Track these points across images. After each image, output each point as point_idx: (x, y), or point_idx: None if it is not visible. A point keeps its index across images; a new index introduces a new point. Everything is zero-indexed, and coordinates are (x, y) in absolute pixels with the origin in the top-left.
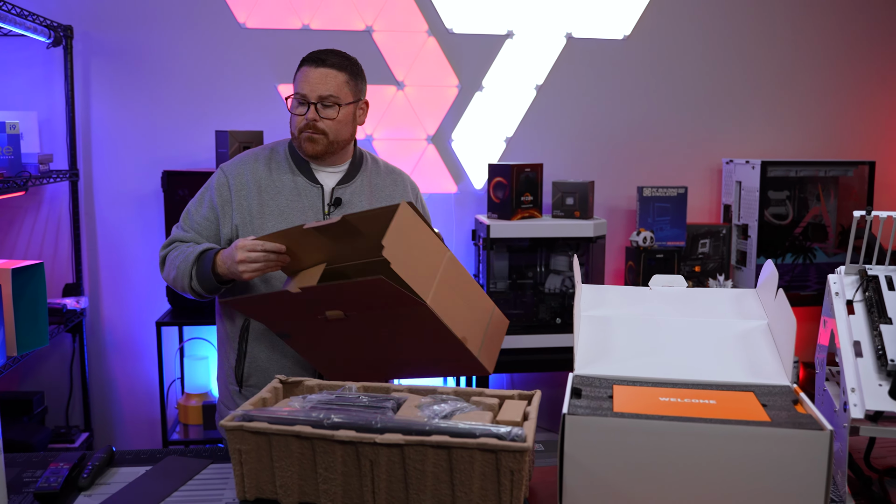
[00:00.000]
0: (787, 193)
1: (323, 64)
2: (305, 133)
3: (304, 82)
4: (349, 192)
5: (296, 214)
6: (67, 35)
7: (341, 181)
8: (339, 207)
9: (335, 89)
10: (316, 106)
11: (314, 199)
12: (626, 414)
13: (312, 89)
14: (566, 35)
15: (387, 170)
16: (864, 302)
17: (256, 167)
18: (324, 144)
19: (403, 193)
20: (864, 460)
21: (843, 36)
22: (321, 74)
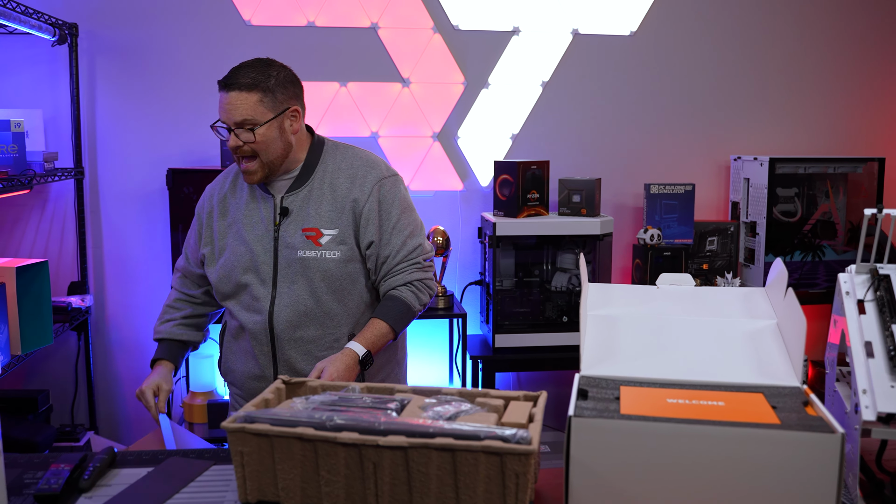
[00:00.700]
0: (795, 190)
1: (232, 87)
2: (242, 164)
3: (221, 109)
4: (296, 200)
5: (249, 228)
6: (72, 33)
7: (290, 188)
8: (287, 217)
9: (248, 112)
10: (236, 131)
11: (268, 210)
12: (633, 416)
13: (228, 116)
14: (572, 31)
15: (350, 169)
16: (876, 301)
17: (224, 184)
18: (259, 171)
19: (354, 199)
20: (875, 462)
21: (851, 31)
22: (232, 99)
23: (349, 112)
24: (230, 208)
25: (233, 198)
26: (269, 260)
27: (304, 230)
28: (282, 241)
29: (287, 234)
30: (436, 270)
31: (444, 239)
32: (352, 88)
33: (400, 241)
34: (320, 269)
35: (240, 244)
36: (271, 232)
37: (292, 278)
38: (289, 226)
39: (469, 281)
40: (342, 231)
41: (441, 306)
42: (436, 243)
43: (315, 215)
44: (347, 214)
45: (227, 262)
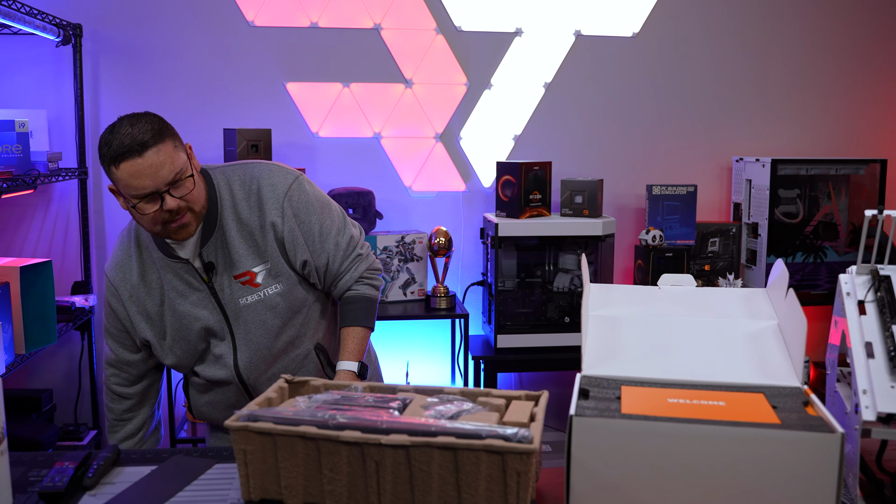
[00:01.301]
0: (797, 192)
1: (146, 148)
2: (174, 224)
3: (140, 178)
4: (213, 251)
5: (181, 298)
6: (76, 33)
7: (202, 242)
8: (214, 272)
9: (174, 163)
10: (168, 192)
11: (188, 274)
12: (634, 415)
13: (156, 181)
14: (575, 32)
15: (248, 195)
16: (876, 302)
17: (130, 266)
18: (194, 223)
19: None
20: (875, 463)
21: (854, 33)
22: (153, 160)
23: (352, 113)
24: (152, 286)
25: (148, 274)
26: (219, 316)
27: (236, 277)
28: (223, 295)
29: (223, 286)
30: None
31: (447, 239)
32: (355, 89)
33: (332, 244)
34: (269, 309)
35: (182, 318)
36: (205, 291)
37: (246, 327)
38: (221, 278)
39: (471, 281)
40: (273, 261)
41: (443, 307)
42: (438, 244)
43: (238, 259)
44: (269, 242)
45: (179, 337)
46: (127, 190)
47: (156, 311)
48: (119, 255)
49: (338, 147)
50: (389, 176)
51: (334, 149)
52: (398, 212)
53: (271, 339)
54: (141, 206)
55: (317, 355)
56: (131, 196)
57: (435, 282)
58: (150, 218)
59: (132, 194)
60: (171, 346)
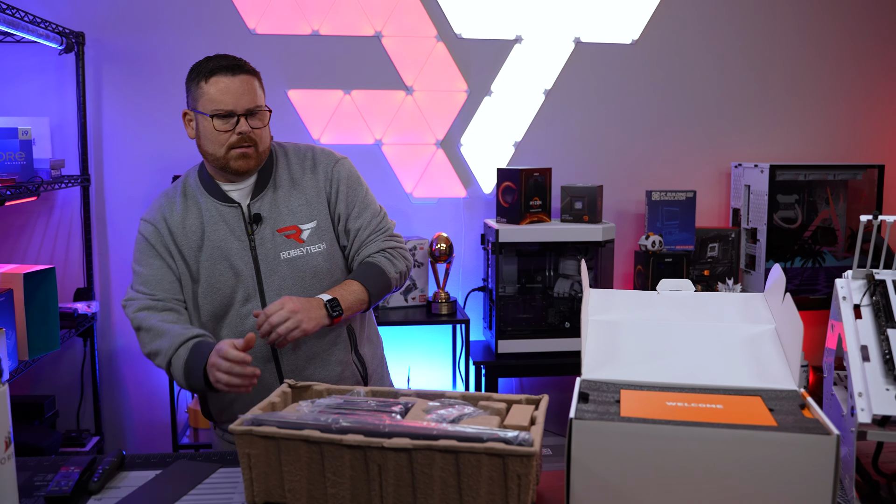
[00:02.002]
0: (796, 197)
1: (240, 70)
2: (238, 149)
3: (225, 94)
4: (265, 204)
5: (219, 246)
6: (79, 41)
7: (254, 195)
8: (259, 224)
9: (258, 96)
10: (246, 117)
11: (235, 220)
12: (633, 418)
13: (238, 101)
14: (574, 40)
15: (299, 158)
16: (872, 306)
17: (172, 209)
18: (256, 157)
19: (316, 186)
20: (871, 465)
21: (851, 39)
22: (243, 83)
23: (353, 120)
24: (192, 230)
25: (190, 218)
26: (252, 272)
27: (281, 230)
28: (261, 250)
29: (264, 239)
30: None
31: (448, 246)
32: (355, 96)
33: (369, 215)
34: (310, 267)
35: (217, 263)
36: (245, 243)
37: (279, 284)
38: (264, 231)
39: (472, 287)
40: (320, 221)
41: (444, 312)
42: (439, 250)
43: (287, 213)
44: (321, 200)
45: (210, 287)
46: (210, 104)
47: (192, 255)
48: (161, 202)
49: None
50: (390, 182)
51: None
52: (399, 218)
53: None
54: (217, 122)
55: (348, 337)
56: (212, 110)
57: (436, 287)
58: (219, 137)
59: (213, 108)
60: (203, 293)
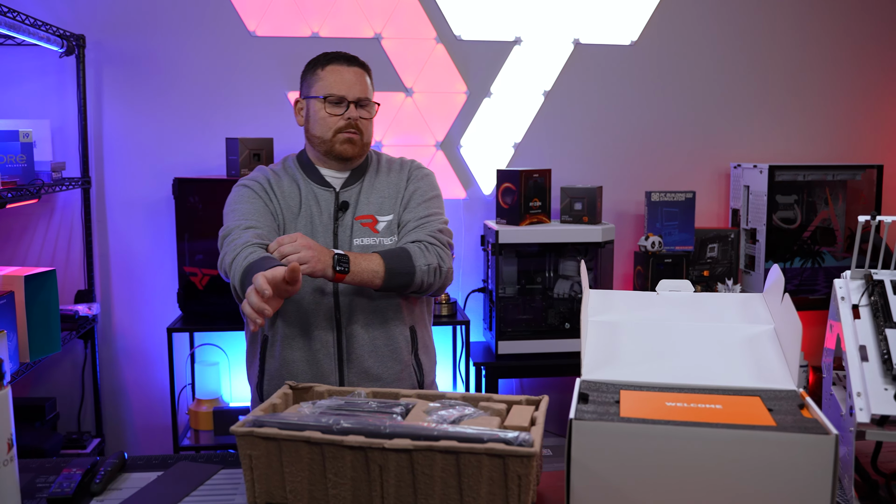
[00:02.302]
0: (795, 198)
1: (355, 63)
2: (345, 134)
3: (339, 82)
4: (352, 193)
5: (309, 220)
6: (80, 44)
7: (346, 184)
8: (345, 211)
9: (367, 89)
10: (355, 105)
11: (326, 203)
12: (633, 419)
13: (351, 89)
14: (574, 41)
15: (388, 165)
16: (870, 306)
17: (276, 176)
18: (360, 145)
19: (398, 182)
20: (870, 464)
21: (850, 40)
22: (356, 74)
23: None
24: (290, 199)
25: (290, 186)
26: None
27: (358, 218)
28: (341, 233)
29: (345, 225)
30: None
31: None
32: None
33: (423, 210)
34: None
35: (305, 231)
36: (331, 226)
37: None
38: (346, 218)
39: (472, 288)
40: (396, 216)
41: (444, 313)
42: None
43: (367, 203)
44: (399, 197)
45: None
46: (323, 89)
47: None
48: (262, 171)
49: None
50: None
51: None
52: None
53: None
54: (329, 105)
55: (410, 337)
56: (326, 94)
57: None
58: (329, 120)
59: (327, 92)
60: None
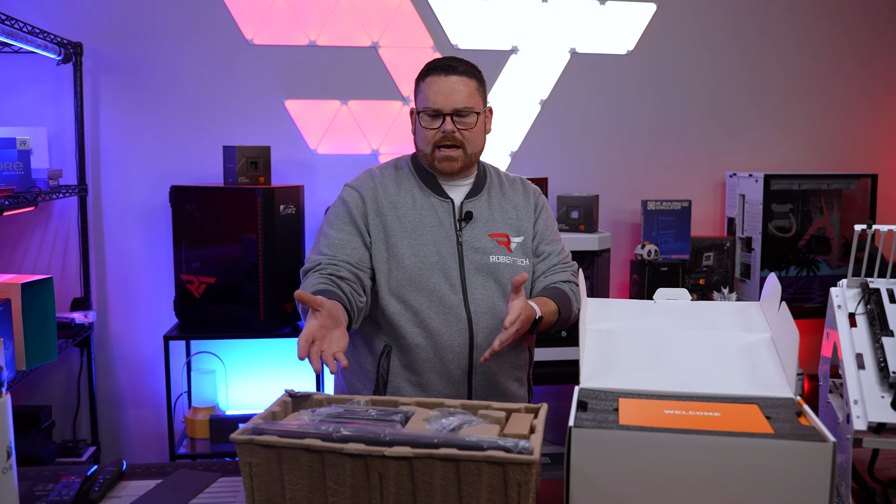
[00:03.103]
0: (790, 206)
1: (453, 72)
2: (442, 151)
3: (435, 93)
4: (479, 206)
5: (428, 230)
6: (77, 52)
7: (469, 194)
8: (470, 222)
9: (468, 98)
10: (452, 117)
11: (445, 214)
12: (632, 426)
13: (447, 100)
14: (570, 50)
15: (509, 180)
16: (867, 315)
17: (385, 182)
18: (461, 160)
19: (526, 205)
20: (867, 472)
21: (845, 50)
22: (453, 84)
23: (350, 130)
24: (398, 205)
25: (399, 196)
26: (455, 265)
27: (493, 235)
28: (468, 246)
29: (473, 238)
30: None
31: None
32: (353, 106)
33: (561, 244)
34: (513, 276)
35: (422, 245)
36: (453, 237)
37: (483, 285)
38: (473, 230)
39: None
40: (526, 239)
41: None
42: None
43: (501, 221)
44: (529, 221)
45: (409, 263)
46: (421, 101)
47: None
48: (372, 173)
49: (336, 164)
50: None
51: (333, 165)
52: None
53: (505, 304)
54: (424, 117)
55: (529, 355)
56: (422, 107)
57: None
58: (427, 134)
59: (423, 105)
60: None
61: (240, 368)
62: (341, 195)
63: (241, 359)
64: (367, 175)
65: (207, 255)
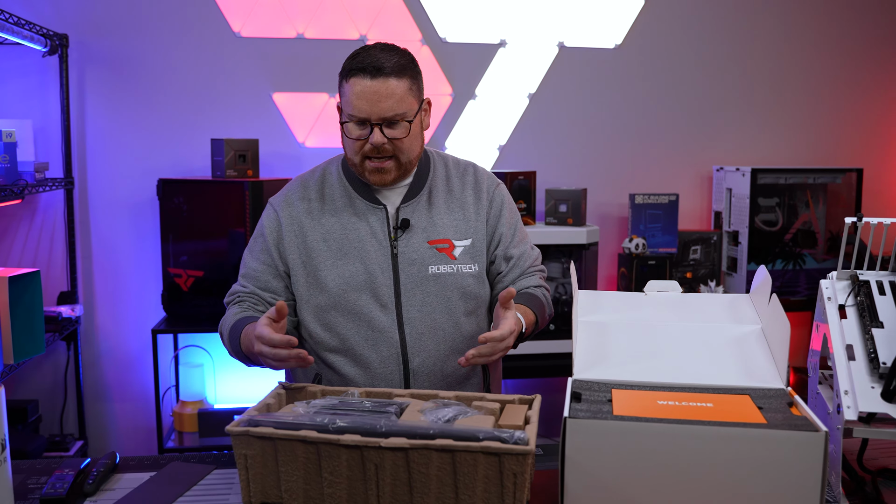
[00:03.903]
0: (776, 200)
1: (380, 74)
2: (372, 163)
3: (360, 99)
4: (417, 210)
5: (355, 245)
6: (63, 44)
7: (406, 197)
8: (407, 230)
9: (399, 103)
10: (381, 127)
11: (378, 223)
12: (626, 417)
13: (373, 108)
14: (558, 44)
15: (459, 170)
16: (856, 306)
17: (308, 195)
18: (394, 171)
19: (477, 202)
20: (857, 461)
21: (831, 46)
22: (381, 88)
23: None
24: (326, 224)
25: (324, 210)
26: (388, 281)
27: (432, 242)
28: (403, 258)
29: (410, 248)
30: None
31: None
32: None
33: (527, 245)
34: (458, 287)
35: (348, 264)
36: (386, 248)
37: (422, 300)
38: (410, 239)
39: None
40: (476, 241)
41: None
42: None
43: (442, 225)
44: (480, 219)
45: (332, 285)
46: (346, 106)
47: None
48: (295, 186)
49: (324, 157)
50: None
51: (320, 158)
52: None
53: (451, 324)
54: (350, 126)
55: (482, 373)
56: (347, 113)
57: None
58: (354, 144)
59: (348, 111)
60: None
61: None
62: (263, 213)
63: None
64: (292, 188)
65: (195, 249)
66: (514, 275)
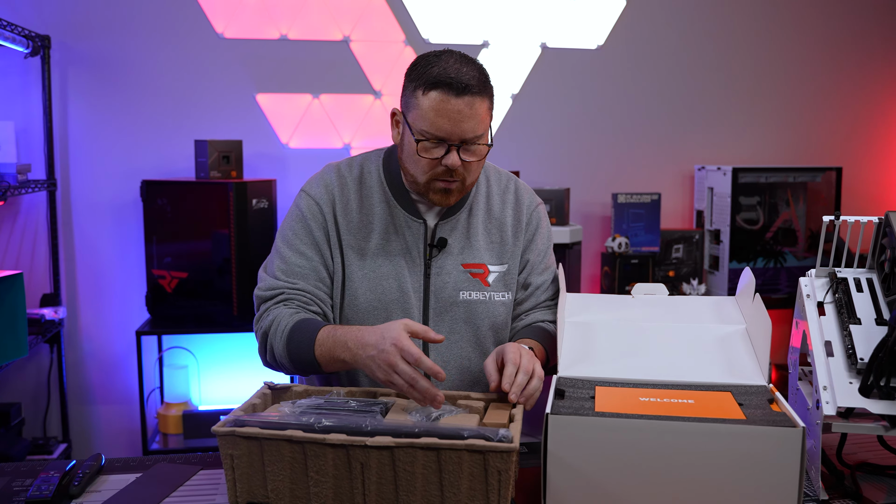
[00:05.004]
0: (757, 199)
1: (467, 92)
2: (441, 183)
3: (441, 117)
4: (456, 229)
5: (390, 258)
6: (45, 45)
7: (446, 213)
8: (443, 250)
9: (480, 124)
10: (458, 149)
11: (415, 237)
12: (608, 413)
13: (455, 128)
14: (541, 45)
15: (500, 186)
16: (835, 303)
17: (346, 191)
18: (458, 193)
19: (517, 224)
20: (836, 456)
21: (810, 47)
22: (465, 108)
23: (322, 124)
24: (363, 227)
25: (363, 214)
26: (419, 303)
27: (467, 266)
28: (436, 281)
29: (444, 271)
30: None
31: None
32: (324, 100)
33: (550, 274)
34: (489, 317)
35: (382, 278)
36: (420, 267)
37: (450, 327)
38: (445, 261)
39: None
40: (511, 267)
41: None
42: None
43: (479, 248)
44: (518, 244)
45: (363, 299)
46: (422, 123)
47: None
48: (328, 176)
49: (308, 158)
50: None
51: (304, 159)
52: None
53: (478, 356)
54: (425, 145)
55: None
56: (422, 131)
57: None
58: (424, 163)
59: (424, 129)
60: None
61: (212, 363)
62: (298, 203)
63: (213, 354)
64: (328, 178)
65: (179, 250)
66: (528, 305)
